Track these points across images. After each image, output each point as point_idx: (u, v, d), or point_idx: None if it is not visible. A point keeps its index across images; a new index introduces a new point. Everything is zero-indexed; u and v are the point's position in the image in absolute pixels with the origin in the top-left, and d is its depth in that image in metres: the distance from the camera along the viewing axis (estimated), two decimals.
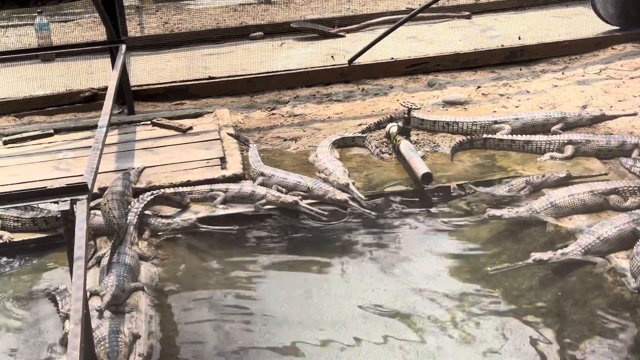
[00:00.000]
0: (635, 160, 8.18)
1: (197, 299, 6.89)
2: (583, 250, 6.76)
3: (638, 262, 6.36)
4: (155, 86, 11.22)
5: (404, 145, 8.70)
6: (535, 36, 12.19)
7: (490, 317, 6.49)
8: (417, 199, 8.16)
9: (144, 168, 8.63)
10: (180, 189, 8.11)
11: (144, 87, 11.16)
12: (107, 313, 6.12)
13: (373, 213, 7.83)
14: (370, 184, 8.35)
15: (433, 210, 8.03)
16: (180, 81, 11.34)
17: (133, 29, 13.88)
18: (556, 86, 10.58)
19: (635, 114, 9.37)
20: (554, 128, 9.14)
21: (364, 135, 9.33)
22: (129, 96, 10.47)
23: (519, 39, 12.15)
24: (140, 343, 6.01)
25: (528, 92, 10.48)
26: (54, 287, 6.78)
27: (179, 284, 7.04)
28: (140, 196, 7.93)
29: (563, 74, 11.03)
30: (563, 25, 12.45)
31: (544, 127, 9.20)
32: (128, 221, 7.44)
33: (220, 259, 7.46)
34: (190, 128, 9.84)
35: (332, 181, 8.18)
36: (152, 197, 7.92)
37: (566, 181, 7.88)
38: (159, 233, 7.65)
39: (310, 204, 7.91)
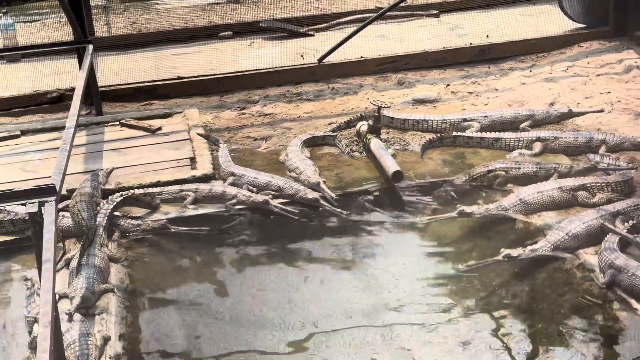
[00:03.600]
0: (603, 157, 8.26)
1: (167, 300, 6.86)
2: (552, 247, 6.82)
3: (606, 258, 6.43)
4: (124, 86, 11.13)
5: (375, 144, 8.72)
6: (503, 34, 12.27)
7: (460, 313, 6.52)
8: (388, 197, 8.19)
9: (113, 169, 8.56)
10: (150, 190, 8.06)
11: (112, 88, 11.06)
12: (77, 316, 6.06)
13: (344, 212, 7.83)
14: (341, 183, 8.36)
15: (404, 207, 8.07)
16: (149, 81, 11.25)
17: (100, 29, 13.74)
18: (524, 84, 10.66)
19: (602, 111, 9.47)
20: (522, 125, 9.21)
21: (334, 134, 9.34)
22: (96, 97, 10.38)
23: (487, 37, 12.22)
24: (111, 345, 5.96)
25: (497, 89, 10.55)
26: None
27: (149, 285, 6.99)
28: (110, 197, 7.87)
29: (531, 71, 11.11)
30: (530, 24, 12.54)
31: (512, 125, 9.27)
32: (97, 223, 7.37)
33: (190, 260, 7.43)
34: (160, 128, 9.78)
35: (303, 180, 8.18)
36: (122, 198, 7.87)
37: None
38: (129, 234, 7.59)
39: (281, 203, 7.91)
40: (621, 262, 6.32)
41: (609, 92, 10.03)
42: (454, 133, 9.02)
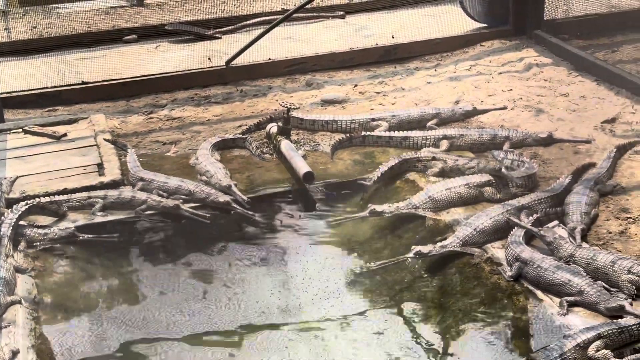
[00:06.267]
0: (507, 153, 8.49)
1: (77, 310, 6.73)
2: (461, 242, 6.97)
3: (512, 251, 6.61)
4: (26, 93, 10.85)
5: (285, 145, 8.74)
6: (407, 35, 12.46)
7: (374, 309, 6.61)
8: (300, 198, 8.23)
9: (17, 177, 8.34)
10: (57, 198, 7.88)
11: (14, 94, 10.77)
12: None
13: (256, 214, 7.83)
14: (252, 185, 8.35)
15: (316, 208, 8.12)
16: (52, 87, 11.00)
17: None
18: (430, 83, 10.85)
19: (504, 108, 9.73)
20: (429, 124, 9.37)
21: (244, 136, 9.32)
22: None
23: (393, 37, 12.39)
24: (20, 358, 5.81)
25: (403, 89, 10.71)
26: None
27: (58, 296, 6.84)
28: (14, 206, 7.64)
29: (436, 70, 11.32)
30: (434, 24, 12.78)
31: (419, 123, 9.42)
32: (2, 233, 7.18)
33: (100, 268, 7.30)
34: (65, 135, 9.57)
35: (214, 183, 8.13)
36: (27, 207, 7.66)
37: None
38: (36, 244, 7.40)
39: (192, 208, 7.84)
40: (527, 255, 6.51)
41: (511, 90, 10.32)
42: (363, 133, 9.12)
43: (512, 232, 6.92)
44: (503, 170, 7.78)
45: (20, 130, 9.79)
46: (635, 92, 9.74)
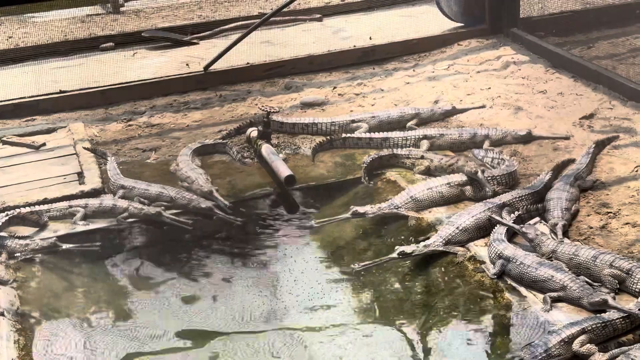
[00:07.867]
0: (487, 151, 8.53)
1: (61, 320, 6.69)
2: (444, 241, 6.99)
3: (495, 249, 6.64)
4: (3, 103, 10.77)
5: (265, 149, 8.73)
6: (385, 36, 12.49)
7: (359, 310, 6.61)
8: (282, 201, 8.23)
9: None
10: (37, 208, 7.84)
11: None
12: None
13: (238, 219, 7.82)
14: (234, 190, 8.34)
15: (298, 211, 8.12)
16: (30, 96, 10.92)
17: None
18: (408, 83, 10.88)
19: (483, 107, 9.78)
20: (409, 124, 9.40)
21: (224, 141, 9.31)
22: None
23: (370, 39, 12.42)
24: None
25: (382, 90, 10.73)
26: None
27: (41, 306, 6.79)
28: None
29: (414, 71, 11.35)
30: (411, 24, 12.82)
31: (399, 124, 9.45)
32: None
33: (83, 277, 7.26)
34: (44, 144, 9.52)
35: (195, 189, 8.12)
36: (7, 217, 7.62)
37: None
38: (17, 255, 7.35)
39: (174, 214, 7.82)
40: (509, 252, 6.54)
41: (489, 88, 10.36)
42: (343, 135, 9.13)
43: (494, 230, 6.95)
44: (479, 174, 7.77)
45: None
46: (612, 87, 9.82)
